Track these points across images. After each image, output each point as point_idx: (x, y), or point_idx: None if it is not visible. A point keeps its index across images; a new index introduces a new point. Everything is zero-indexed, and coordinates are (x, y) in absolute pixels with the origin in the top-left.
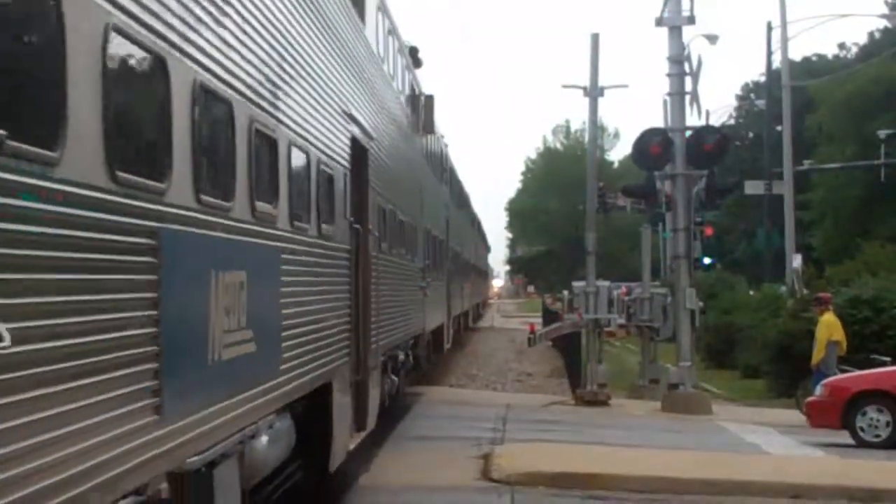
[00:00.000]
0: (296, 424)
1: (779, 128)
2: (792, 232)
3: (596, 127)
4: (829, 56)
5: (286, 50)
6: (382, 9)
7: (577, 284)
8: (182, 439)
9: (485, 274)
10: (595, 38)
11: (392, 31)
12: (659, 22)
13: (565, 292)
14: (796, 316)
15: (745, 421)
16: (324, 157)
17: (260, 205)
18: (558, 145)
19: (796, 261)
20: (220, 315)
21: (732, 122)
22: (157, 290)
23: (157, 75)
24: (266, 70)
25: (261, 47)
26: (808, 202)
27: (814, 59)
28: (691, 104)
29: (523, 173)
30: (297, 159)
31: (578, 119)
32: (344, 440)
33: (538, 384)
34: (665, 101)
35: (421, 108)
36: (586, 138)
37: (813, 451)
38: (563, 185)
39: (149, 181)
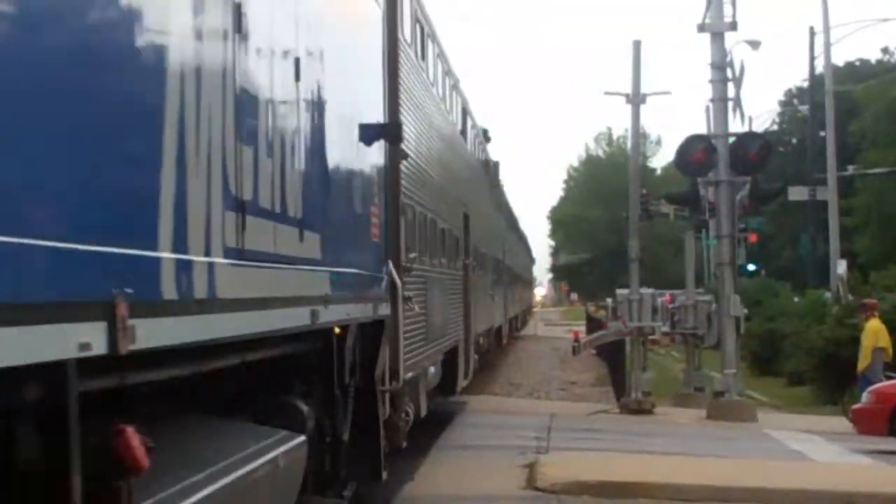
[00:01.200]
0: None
1: (822, 133)
2: (836, 237)
3: (638, 134)
4: (873, 61)
5: (450, 190)
6: (474, 126)
7: (620, 292)
8: (424, 356)
9: (530, 284)
10: (637, 45)
11: (477, 134)
12: (701, 28)
13: (609, 300)
14: (842, 322)
15: (791, 428)
16: (455, 230)
17: (442, 259)
18: (600, 153)
19: (841, 267)
20: (437, 306)
21: (776, 127)
22: (425, 297)
23: (429, 224)
24: (448, 204)
25: (445, 198)
26: (852, 208)
27: (857, 63)
28: (734, 110)
29: (565, 181)
30: (450, 236)
31: (620, 126)
32: (461, 380)
33: (582, 393)
34: (708, 108)
35: (491, 171)
36: (629, 145)
37: (860, 458)
38: (605, 193)
39: (423, 258)
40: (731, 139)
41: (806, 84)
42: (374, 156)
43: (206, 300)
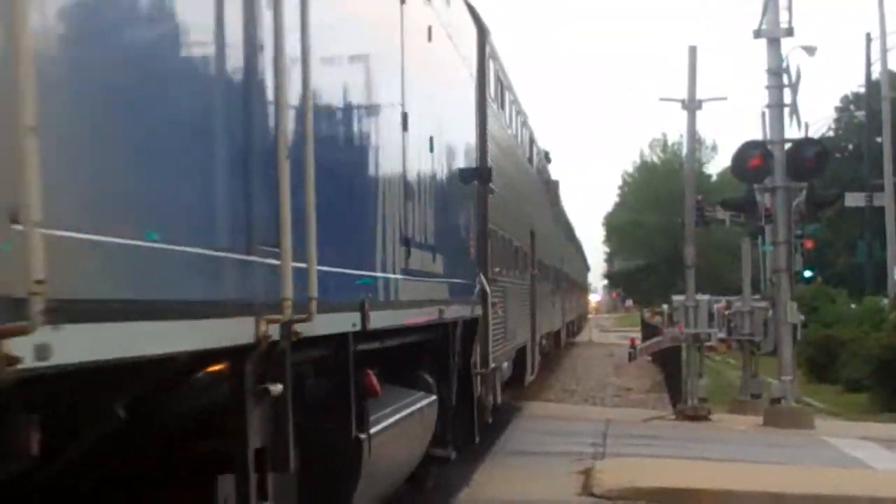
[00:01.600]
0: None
1: (879, 139)
2: (894, 243)
3: (694, 140)
4: None
5: (521, 212)
6: (539, 152)
7: (676, 298)
8: (503, 351)
9: (585, 290)
10: (693, 51)
11: (541, 158)
12: (757, 34)
13: (665, 306)
14: None
15: (849, 435)
16: (524, 246)
17: (515, 271)
18: (655, 159)
19: None
20: (512, 311)
21: (832, 133)
22: (504, 303)
23: (507, 243)
24: (520, 225)
25: (518, 219)
26: None
27: None
28: (791, 116)
29: (620, 187)
30: (520, 252)
31: (675, 132)
32: (528, 376)
33: (638, 399)
34: (763, 114)
35: (551, 189)
36: (684, 151)
37: None
38: (660, 199)
39: (503, 271)
40: (788, 145)
41: (862, 90)
42: (470, 193)
43: (394, 301)
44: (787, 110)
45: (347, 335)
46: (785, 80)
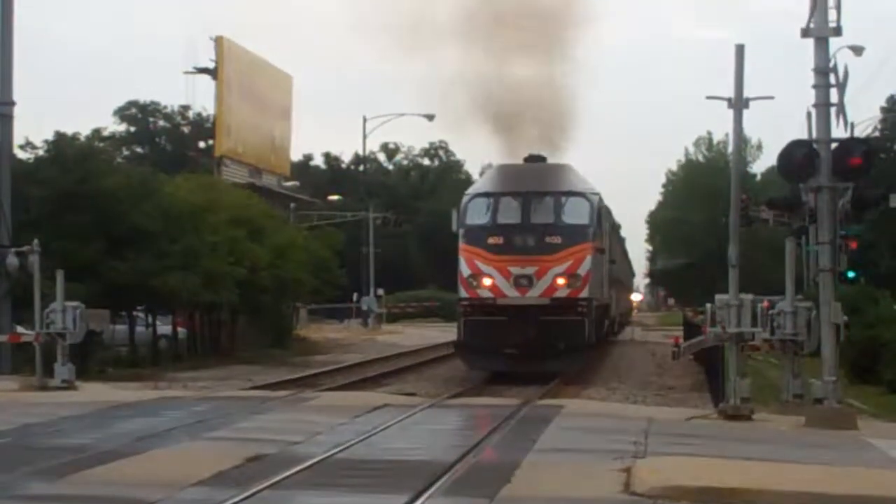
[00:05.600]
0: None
1: None
2: None
3: (740, 139)
4: None
5: (613, 263)
6: (617, 227)
7: (720, 297)
8: (614, 315)
9: (631, 290)
10: (740, 49)
11: (618, 230)
12: (805, 33)
13: (708, 305)
14: None
15: (892, 437)
16: (613, 273)
17: (612, 286)
18: (700, 157)
19: None
20: (613, 302)
21: (878, 134)
22: (612, 299)
23: (611, 276)
24: (613, 266)
25: (613, 267)
26: None
27: None
28: (837, 116)
29: (664, 185)
30: (613, 277)
31: (720, 131)
32: (615, 330)
33: (680, 398)
34: (810, 113)
35: (620, 241)
36: (729, 150)
37: None
38: (704, 198)
39: (610, 286)
40: (834, 145)
41: None
42: (609, 265)
43: (607, 297)
44: (833, 110)
45: (607, 303)
46: (832, 79)
